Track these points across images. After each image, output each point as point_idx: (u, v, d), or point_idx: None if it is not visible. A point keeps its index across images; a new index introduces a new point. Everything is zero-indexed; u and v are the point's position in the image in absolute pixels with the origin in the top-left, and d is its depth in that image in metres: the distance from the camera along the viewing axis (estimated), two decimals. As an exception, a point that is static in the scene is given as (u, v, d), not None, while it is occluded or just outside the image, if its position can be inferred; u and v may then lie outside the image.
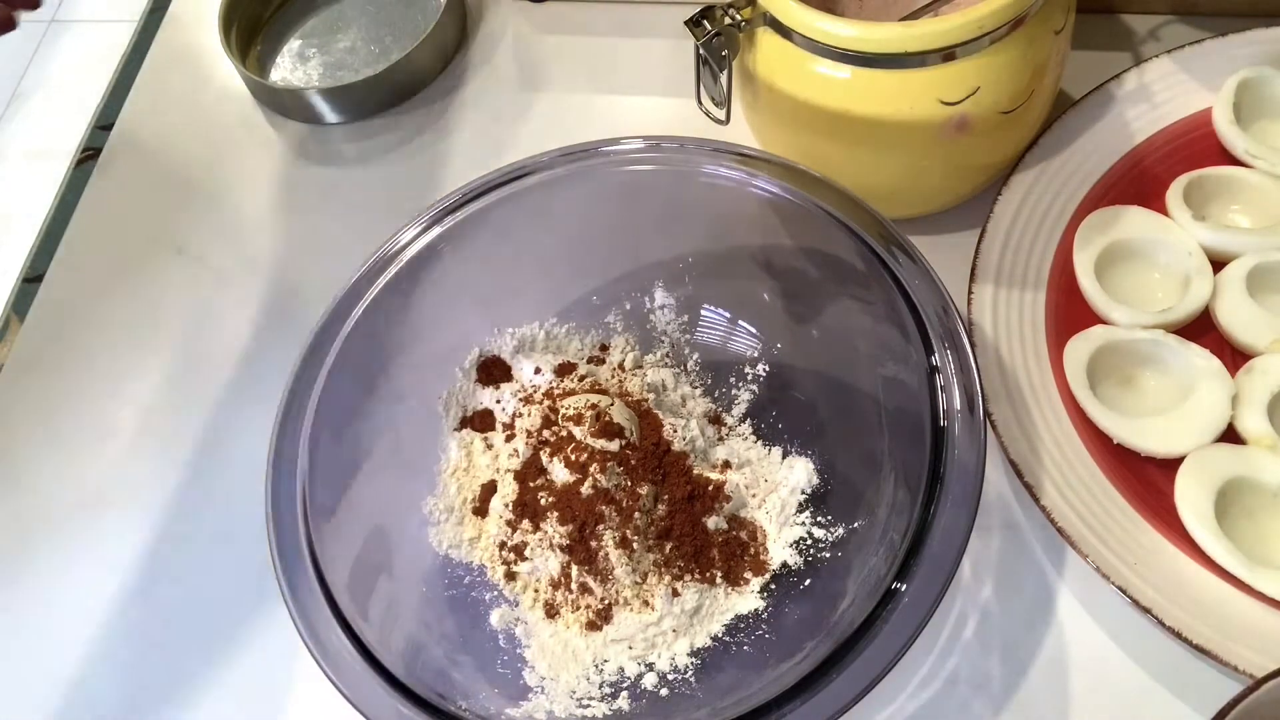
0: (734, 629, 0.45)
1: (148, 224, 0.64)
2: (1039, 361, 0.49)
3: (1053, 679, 0.45)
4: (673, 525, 0.45)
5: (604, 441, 0.46)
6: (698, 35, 0.48)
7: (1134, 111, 0.54)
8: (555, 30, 0.67)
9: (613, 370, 0.52)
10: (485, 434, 0.50)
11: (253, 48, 0.69)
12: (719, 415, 0.51)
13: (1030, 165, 0.53)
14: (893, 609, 0.38)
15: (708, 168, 0.48)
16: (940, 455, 0.40)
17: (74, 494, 0.55)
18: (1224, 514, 0.44)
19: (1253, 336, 0.48)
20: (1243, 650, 0.41)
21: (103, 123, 0.68)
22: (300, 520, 0.42)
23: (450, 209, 0.49)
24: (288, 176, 0.64)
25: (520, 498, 0.47)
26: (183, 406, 0.57)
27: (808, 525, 0.46)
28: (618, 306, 0.52)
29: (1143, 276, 0.51)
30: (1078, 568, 0.46)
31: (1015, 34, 0.46)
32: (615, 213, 0.51)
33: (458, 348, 0.51)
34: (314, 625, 0.40)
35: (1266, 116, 0.54)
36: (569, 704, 0.43)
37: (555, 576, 0.46)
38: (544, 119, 0.64)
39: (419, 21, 0.68)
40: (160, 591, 0.52)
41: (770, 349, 0.51)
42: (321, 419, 0.44)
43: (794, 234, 0.48)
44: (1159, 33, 0.59)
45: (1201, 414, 0.46)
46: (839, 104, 0.48)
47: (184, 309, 0.60)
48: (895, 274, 0.44)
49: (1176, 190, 0.52)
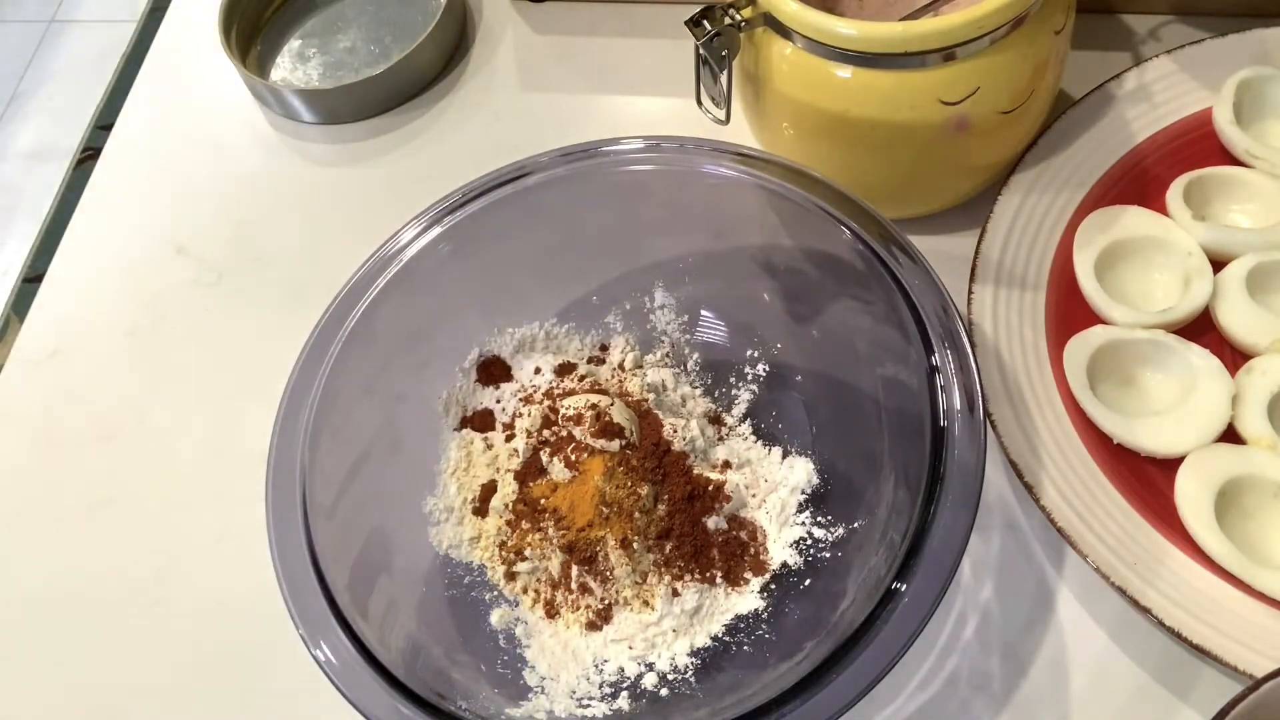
0: (734, 629, 0.45)
1: (148, 224, 0.64)
2: (1039, 361, 0.49)
3: (1053, 679, 0.45)
4: (673, 525, 0.45)
5: (604, 441, 0.46)
6: (698, 35, 0.48)
7: (1134, 111, 0.54)
8: (555, 30, 0.67)
9: (613, 370, 0.52)
10: (485, 434, 0.50)
11: (253, 48, 0.69)
12: (719, 415, 0.51)
13: (1030, 165, 0.53)
14: (893, 609, 0.37)
15: (708, 168, 0.48)
16: (940, 455, 0.40)
17: (74, 494, 0.55)
18: (1224, 514, 0.44)
19: (1253, 336, 0.48)
20: (1243, 650, 0.41)
21: (103, 123, 0.68)
22: (300, 520, 0.42)
23: (450, 209, 0.49)
24: (288, 176, 0.64)
25: (520, 498, 0.47)
26: (183, 406, 0.57)
27: (808, 525, 0.46)
28: (618, 306, 0.52)
29: (1143, 276, 0.51)
30: (1078, 568, 0.46)
31: (1015, 34, 0.46)
32: (615, 213, 0.51)
33: (458, 348, 0.51)
34: (313, 625, 0.40)
35: (1267, 116, 0.54)
36: (569, 704, 0.43)
37: (555, 576, 0.46)
38: (544, 119, 0.64)
39: (419, 21, 0.68)
40: (160, 591, 0.52)
41: (770, 349, 0.51)
42: (321, 419, 0.44)
43: (794, 234, 0.48)
44: (1159, 33, 0.59)
45: (1201, 414, 0.46)
46: (839, 104, 0.48)
47: (184, 309, 0.60)
48: (895, 274, 0.44)
49: (1176, 190, 0.52)
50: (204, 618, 0.51)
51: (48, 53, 1.87)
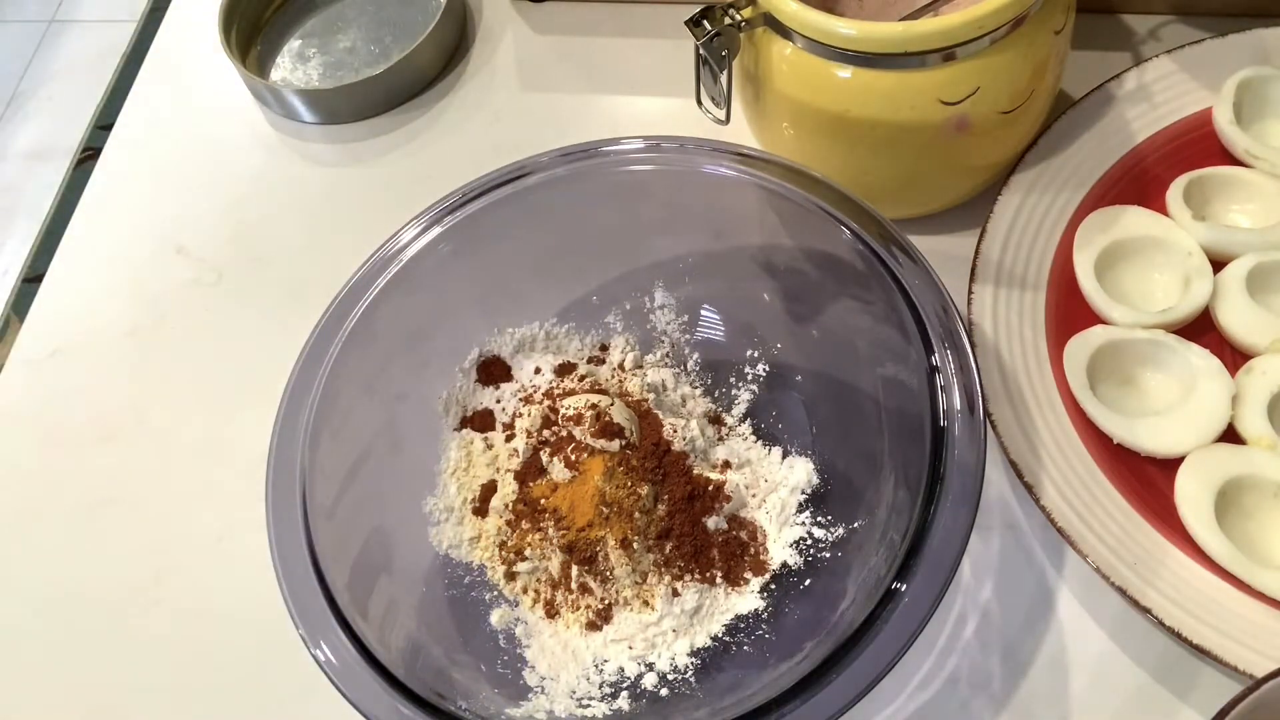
0: (734, 629, 0.45)
1: (148, 224, 0.64)
2: (1039, 361, 0.49)
3: (1053, 679, 0.45)
4: (673, 525, 0.45)
5: (604, 441, 0.46)
6: (698, 35, 0.48)
7: (1134, 111, 0.54)
8: (555, 30, 0.67)
9: (613, 370, 0.52)
10: (485, 434, 0.50)
11: (253, 48, 0.69)
12: (719, 415, 0.51)
13: (1030, 165, 0.53)
14: (893, 609, 0.37)
15: (708, 168, 0.48)
16: (940, 455, 0.40)
17: (74, 494, 0.55)
18: (1224, 514, 0.44)
19: (1253, 336, 0.48)
20: (1243, 650, 0.41)
21: (103, 123, 0.68)
22: (300, 520, 0.42)
23: (450, 209, 0.49)
24: (288, 176, 0.64)
25: (520, 498, 0.47)
26: (183, 406, 0.57)
27: (808, 525, 0.46)
28: (618, 306, 0.52)
29: (1143, 276, 0.51)
30: (1078, 568, 0.46)
31: (1015, 34, 0.46)
32: (615, 213, 0.51)
33: (458, 348, 0.51)
34: (313, 625, 0.40)
35: (1267, 116, 0.54)
36: (569, 704, 0.43)
37: (555, 576, 0.46)
38: (544, 119, 0.64)
39: (419, 21, 0.68)
40: (160, 592, 0.52)
41: (770, 349, 0.51)
42: (321, 419, 0.44)
43: (794, 234, 0.48)
44: (1159, 33, 0.59)
45: (1201, 414, 0.46)
46: (839, 104, 0.48)
47: (184, 309, 0.60)
48: (895, 274, 0.44)
49: (1176, 190, 0.52)
50: (204, 618, 0.51)
51: (48, 53, 1.87)
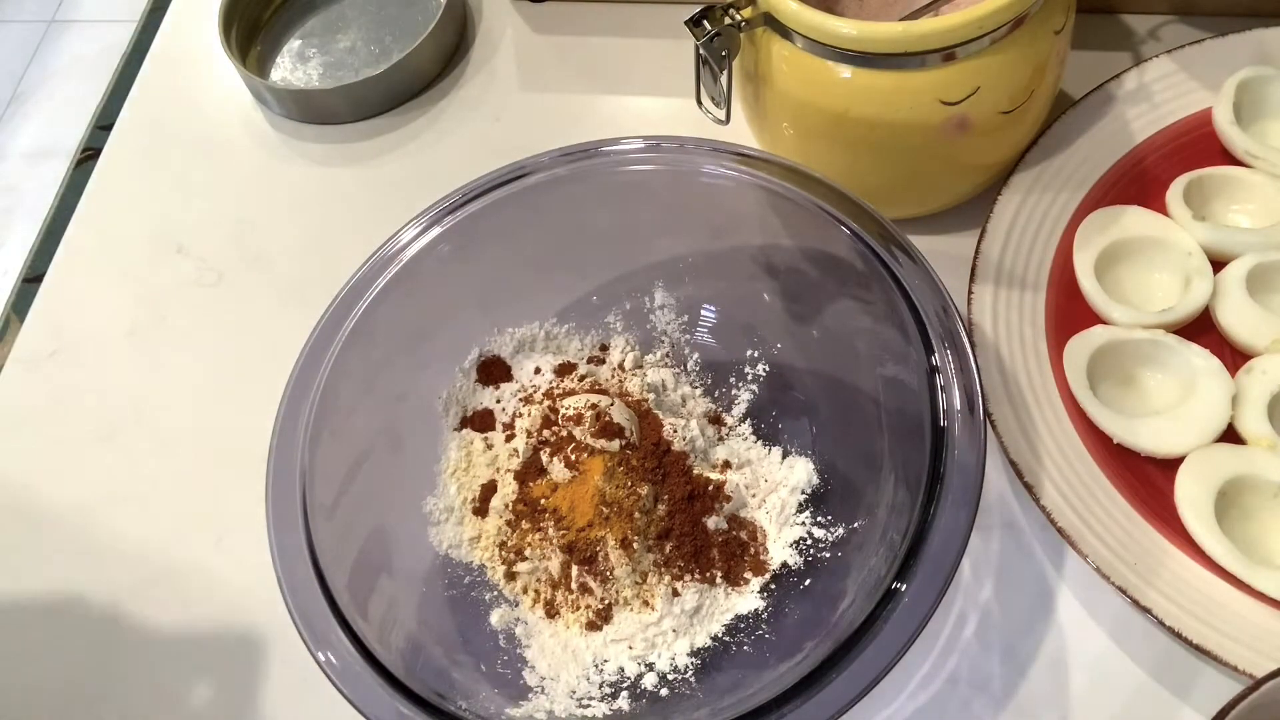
0: (734, 629, 0.45)
1: (148, 224, 0.64)
2: (1039, 361, 0.49)
3: (1053, 679, 0.45)
4: (673, 525, 0.45)
5: (604, 441, 0.46)
6: (698, 35, 0.48)
7: (1134, 111, 0.54)
8: (555, 30, 0.67)
9: (613, 370, 0.52)
10: (485, 434, 0.50)
11: (253, 48, 0.69)
12: (719, 415, 0.51)
13: (1030, 165, 0.53)
14: (893, 609, 0.37)
15: (708, 168, 0.48)
16: (940, 455, 0.40)
17: (74, 494, 0.55)
18: (1224, 514, 0.44)
19: (1253, 336, 0.48)
20: (1243, 650, 0.41)
21: (103, 123, 0.68)
22: (300, 520, 0.42)
23: (450, 209, 0.49)
24: (288, 176, 0.64)
25: (520, 498, 0.47)
26: (183, 406, 0.57)
27: (808, 525, 0.46)
28: (618, 306, 0.52)
29: (1143, 276, 0.51)
30: (1078, 568, 0.46)
31: (1015, 34, 0.46)
32: (615, 213, 0.51)
33: (458, 348, 0.51)
34: (314, 625, 0.40)
35: (1267, 116, 0.54)
36: (569, 704, 0.43)
37: (555, 576, 0.46)
38: (544, 119, 0.64)
39: (419, 21, 0.68)
40: (160, 592, 0.52)
41: (770, 349, 0.51)
42: (321, 419, 0.44)
43: (794, 234, 0.48)
44: (1159, 33, 0.59)
45: (1201, 414, 0.46)
46: (839, 104, 0.48)
47: (184, 309, 0.60)
48: (895, 274, 0.44)
49: (1176, 190, 0.52)
50: (204, 618, 0.51)
51: (48, 53, 1.86)
